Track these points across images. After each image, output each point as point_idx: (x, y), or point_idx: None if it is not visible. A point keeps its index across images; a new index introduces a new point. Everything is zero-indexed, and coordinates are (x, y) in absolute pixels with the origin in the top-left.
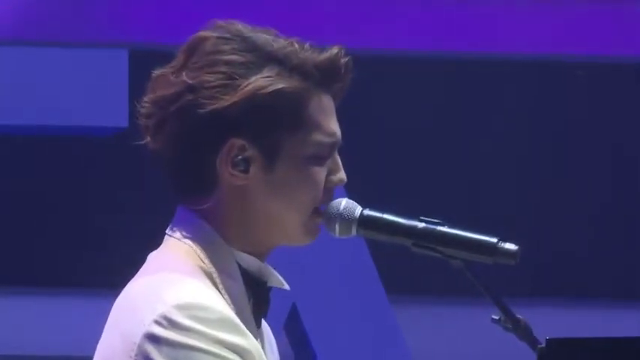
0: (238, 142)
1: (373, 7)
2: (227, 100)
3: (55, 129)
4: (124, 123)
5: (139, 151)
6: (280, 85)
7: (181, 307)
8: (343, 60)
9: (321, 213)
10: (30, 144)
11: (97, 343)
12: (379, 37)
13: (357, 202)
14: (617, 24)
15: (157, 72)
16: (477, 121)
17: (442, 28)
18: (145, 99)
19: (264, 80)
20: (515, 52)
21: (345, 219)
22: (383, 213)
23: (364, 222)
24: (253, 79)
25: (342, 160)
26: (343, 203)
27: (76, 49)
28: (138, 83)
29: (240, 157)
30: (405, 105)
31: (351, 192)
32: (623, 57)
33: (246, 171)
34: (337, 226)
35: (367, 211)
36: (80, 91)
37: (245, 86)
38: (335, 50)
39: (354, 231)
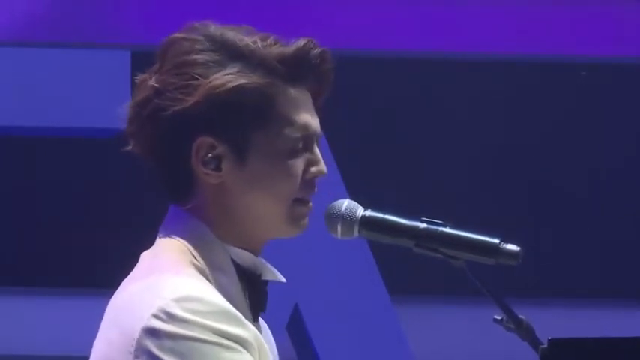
0: (207, 140)
1: (373, 7)
2: (188, 101)
3: (57, 130)
4: (125, 125)
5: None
6: (240, 82)
7: (179, 300)
8: (314, 52)
9: (304, 202)
10: (32, 145)
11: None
12: (379, 37)
13: (359, 204)
14: (620, 25)
15: (139, 77)
16: (479, 122)
17: (444, 29)
18: (128, 104)
19: (224, 77)
20: (517, 53)
21: (347, 220)
22: (385, 214)
23: (366, 223)
24: (213, 77)
25: (342, 161)
26: (345, 204)
27: (79, 51)
28: None
29: (210, 155)
30: (405, 105)
31: (352, 192)
32: (626, 58)
33: (218, 169)
34: (339, 227)
35: (369, 212)
36: (82, 92)
37: (205, 85)
38: (302, 43)
39: (356, 232)
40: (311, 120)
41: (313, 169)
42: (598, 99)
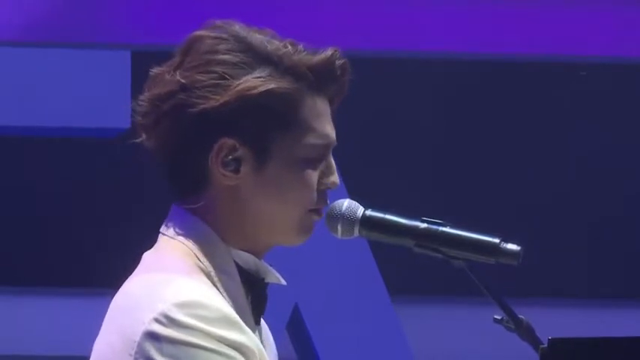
0: (229, 142)
1: (374, 7)
2: (217, 100)
3: (57, 130)
4: (126, 124)
5: (141, 152)
6: (271, 86)
7: (181, 305)
8: (338, 62)
9: (316, 212)
10: (32, 145)
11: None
12: (379, 37)
13: (359, 203)
14: (620, 25)
15: (154, 70)
16: (478, 122)
17: (444, 29)
18: (142, 97)
19: (254, 80)
20: (517, 53)
21: (348, 220)
22: (385, 213)
23: (366, 222)
24: (244, 79)
25: (342, 161)
26: (345, 204)
27: (79, 51)
28: (140, 84)
29: (230, 157)
30: (406, 105)
31: (352, 192)
32: (626, 58)
33: (236, 171)
34: (340, 227)
35: (369, 212)
36: (83, 92)
37: (235, 86)
38: (330, 52)
39: (356, 232)
40: (330, 129)
41: (327, 180)
42: (598, 99)
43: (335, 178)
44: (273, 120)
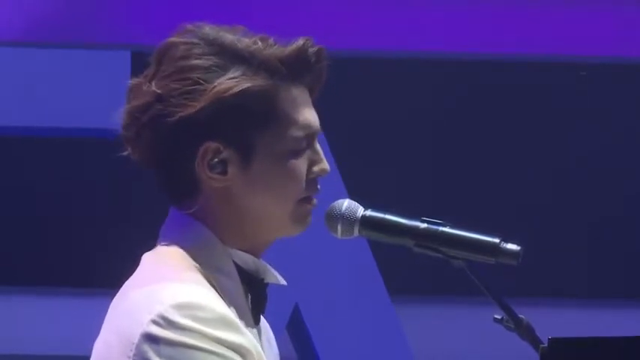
0: (213, 145)
1: (373, 7)
2: (194, 107)
3: (57, 130)
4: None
5: None
6: (245, 85)
7: (179, 307)
8: (311, 50)
9: (307, 200)
10: (31, 145)
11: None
12: (379, 37)
13: (359, 203)
14: (620, 25)
15: (132, 82)
16: (478, 122)
17: (443, 29)
18: (122, 110)
19: (229, 82)
20: (517, 53)
21: (348, 219)
22: (385, 214)
23: (366, 222)
24: (217, 82)
25: (342, 160)
26: (345, 204)
27: (79, 51)
28: None
29: (216, 159)
30: (406, 105)
31: (352, 192)
32: (626, 58)
33: (224, 173)
34: (339, 227)
35: (369, 212)
36: (82, 92)
37: (210, 90)
38: (300, 42)
39: (356, 232)
40: (312, 117)
41: (316, 169)
42: (598, 99)
43: (324, 164)
44: (252, 118)
